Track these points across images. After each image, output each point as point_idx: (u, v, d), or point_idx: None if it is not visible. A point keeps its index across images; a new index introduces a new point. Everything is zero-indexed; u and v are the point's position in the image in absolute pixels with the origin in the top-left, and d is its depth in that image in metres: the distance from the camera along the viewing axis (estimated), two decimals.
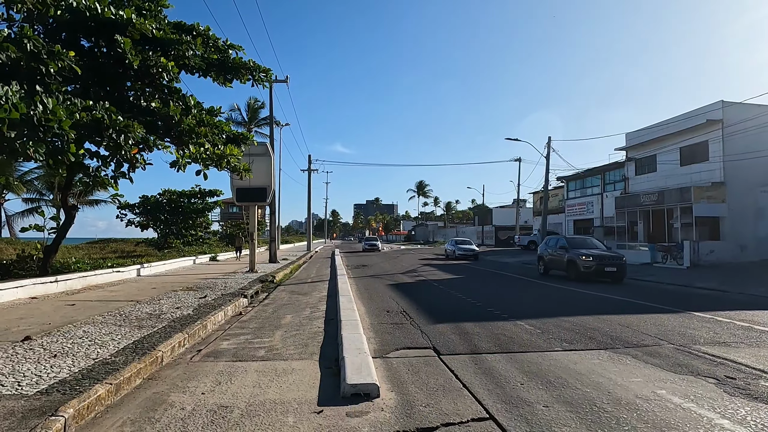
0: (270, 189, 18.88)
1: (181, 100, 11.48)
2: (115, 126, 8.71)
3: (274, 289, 14.20)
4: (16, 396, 4.14)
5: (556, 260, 18.82)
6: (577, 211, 39.96)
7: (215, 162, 11.94)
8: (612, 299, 12.21)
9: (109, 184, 10.66)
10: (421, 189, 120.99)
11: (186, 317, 8.12)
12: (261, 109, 49.37)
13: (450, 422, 4.07)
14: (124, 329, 7.10)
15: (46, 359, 5.37)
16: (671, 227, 26.49)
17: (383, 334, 7.74)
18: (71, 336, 6.61)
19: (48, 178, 33.93)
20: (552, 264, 19.23)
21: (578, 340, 7.34)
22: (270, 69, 13.11)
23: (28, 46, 7.80)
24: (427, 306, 10.85)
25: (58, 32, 10.28)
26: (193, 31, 12.20)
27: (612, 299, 12.21)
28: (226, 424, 3.98)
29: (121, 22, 9.84)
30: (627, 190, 31.83)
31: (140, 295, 11.07)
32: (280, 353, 6.43)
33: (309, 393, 4.78)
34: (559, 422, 4.09)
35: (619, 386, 5.05)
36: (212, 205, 33.14)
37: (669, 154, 27.84)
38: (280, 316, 9.43)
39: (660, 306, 10.99)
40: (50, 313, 8.63)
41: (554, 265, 19.02)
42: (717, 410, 4.38)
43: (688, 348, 6.83)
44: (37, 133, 7.41)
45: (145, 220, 30.58)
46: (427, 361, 6.12)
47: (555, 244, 19.37)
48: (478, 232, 72.31)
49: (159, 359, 5.71)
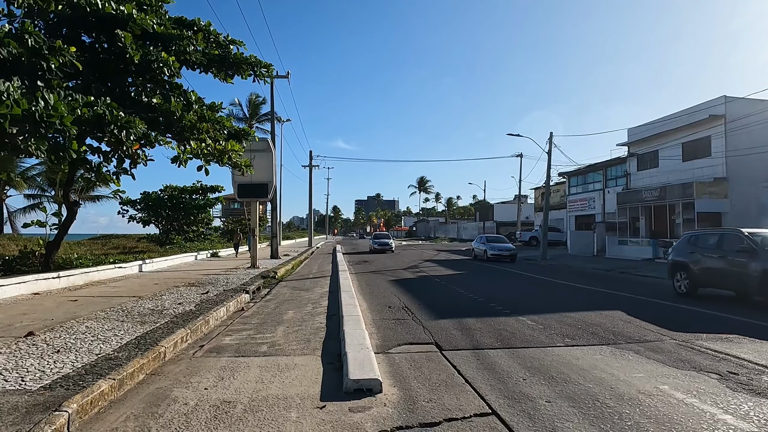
0: (271, 185, 18.87)
1: (182, 96, 11.46)
2: (116, 122, 8.69)
3: (276, 284, 14.22)
4: (20, 391, 4.15)
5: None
6: (578, 206, 39.92)
7: (216, 158, 11.93)
8: (612, 294, 12.21)
9: (111, 180, 10.65)
10: (423, 185, 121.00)
11: (188, 313, 8.13)
12: (262, 104, 49.35)
13: (453, 417, 4.07)
14: (127, 325, 7.11)
15: (49, 355, 5.38)
16: (673, 223, 26.46)
17: (385, 330, 7.74)
18: (74, 331, 6.62)
19: (50, 174, 33.92)
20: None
21: (580, 335, 7.34)
22: (271, 64, 13.07)
23: (29, 41, 7.78)
24: (428, 301, 10.85)
25: (58, 28, 10.26)
26: (194, 26, 12.17)
27: (612, 294, 12.21)
28: (229, 419, 3.99)
29: (122, 17, 9.81)
30: (629, 185, 31.78)
31: (142, 291, 11.09)
32: (282, 349, 6.44)
33: (312, 388, 4.79)
34: (562, 417, 4.09)
35: (622, 381, 5.05)
36: (213, 201, 33.07)
37: (671, 149, 27.78)
38: (282, 311, 9.44)
39: (662, 301, 10.99)
40: (53, 308, 8.65)
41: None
42: (720, 405, 4.38)
43: (690, 343, 6.83)
44: (39, 129, 7.40)
45: (146, 216, 30.59)
46: (429, 357, 6.12)
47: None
48: (479, 228, 72.25)
49: (162, 355, 5.72)
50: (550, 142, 28.57)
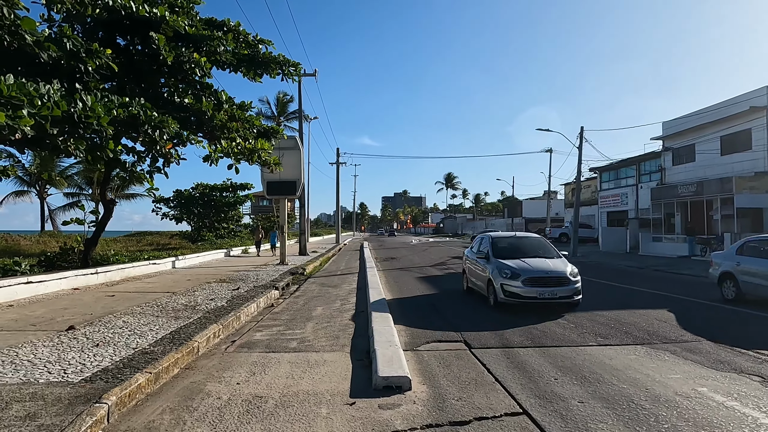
0: (299, 182, 19.07)
1: (213, 96, 11.66)
2: (150, 122, 8.91)
3: (305, 281, 14.37)
4: (63, 383, 4.31)
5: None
6: (611, 202, 38.98)
7: (246, 156, 12.10)
8: (645, 293, 11.88)
9: (145, 178, 10.95)
10: (450, 181, 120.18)
11: (220, 309, 8.30)
12: (290, 103, 49.77)
13: (483, 416, 4.04)
14: (162, 320, 7.31)
15: (89, 348, 5.58)
16: (711, 219, 25.57)
17: (413, 327, 7.73)
18: (112, 326, 6.84)
19: (87, 174, 35.19)
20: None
21: (613, 335, 7.17)
22: (299, 63, 13.17)
23: (67, 45, 8.05)
24: (456, 299, 10.78)
25: (95, 31, 10.58)
26: (224, 26, 12.36)
27: (645, 293, 11.88)
28: (261, 414, 4.06)
29: (155, 19, 10.03)
30: (663, 180, 30.85)
31: (176, 287, 11.37)
32: (312, 345, 6.50)
33: (341, 384, 4.83)
34: (596, 419, 4.01)
35: (657, 383, 4.91)
36: (243, 198, 33.66)
37: (709, 143, 26.81)
38: (311, 308, 9.53)
39: (700, 301, 10.63)
40: (91, 303, 8.95)
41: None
42: (763, 409, 4.21)
43: (730, 345, 6.58)
44: (78, 130, 7.65)
45: (179, 214, 31.38)
46: (458, 355, 6.09)
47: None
48: (507, 225, 71.40)
49: (195, 349, 5.86)
50: (581, 136, 27.98)
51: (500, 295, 8.86)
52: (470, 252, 11.76)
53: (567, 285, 8.76)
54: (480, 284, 10.21)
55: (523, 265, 9.11)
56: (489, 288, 9.45)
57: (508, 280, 8.81)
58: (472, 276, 11.08)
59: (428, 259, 24.12)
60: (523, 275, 8.76)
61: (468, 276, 11.47)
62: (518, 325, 7.78)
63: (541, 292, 8.63)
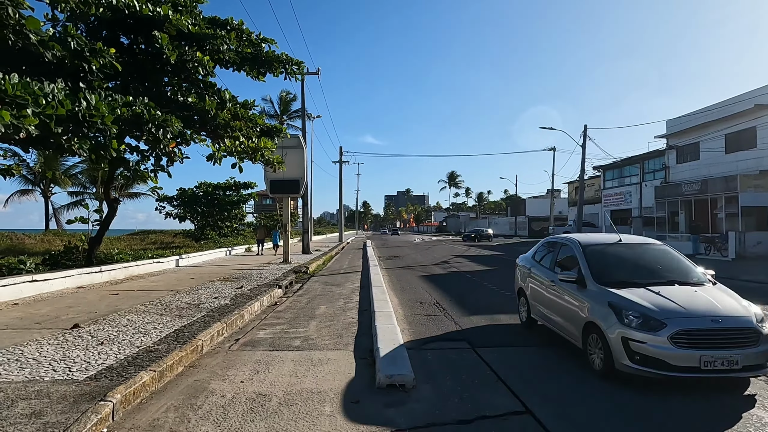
0: (303, 181, 19.08)
1: (216, 95, 11.67)
2: (154, 120, 8.92)
3: (308, 279, 14.39)
4: (68, 381, 4.33)
5: None
6: (614, 201, 38.90)
7: (250, 155, 12.12)
8: None
9: (149, 177, 10.96)
10: (453, 179, 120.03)
11: (224, 307, 8.32)
12: (293, 101, 49.82)
13: (486, 415, 4.04)
14: (166, 318, 7.33)
15: (93, 346, 5.60)
16: (715, 217, 25.48)
17: (417, 326, 7.74)
18: (116, 324, 6.87)
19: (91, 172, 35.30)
20: None
21: None
22: (302, 62, 13.16)
23: (71, 44, 8.07)
24: (460, 298, 10.77)
25: (99, 30, 10.60)
26: (227, 25, 12.36)
27: None
28: (265, 412, 4.07)
29: (159, 18, 10.04)
30: (667, 179, 30.76)
31: (179, 285, 11.40)
32: (315, 343, 6.51)
33: (345, 383, 4.83)
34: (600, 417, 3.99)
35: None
36: (246, 197, 33.76)
37: (713, 141, 26.72)
38: (314, 306, 9.55)
39: None
40: (96, 302, 8.99)
41: None
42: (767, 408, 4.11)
43: None
44: (82, 129, 7.67)
45: (182, 212, 31.49)
46: (461, 353, 6.09)
47: None
48: (510, 223, 71.35)
49: (199, 348, 5.87)
50: (584, 134, 27.91)
51: (622, 359, 4.74)
52: (531, 262, 7.57)
53: (754, 345, 4.60)
54: (565, 325, 6.04)
55: (665, 304, 4.98)
56: (590, 338, 5.37)
57: (637, 332, 4.72)
58: (540, 303, 6.88)
59: (431, 258, 24.12)
60: (672, 325, 4.66)
61: (532, 302, 7.19)
62: (522, 326, 7.73)
63: (709, 359, 4.47)
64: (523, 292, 7.52)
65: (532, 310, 7.14)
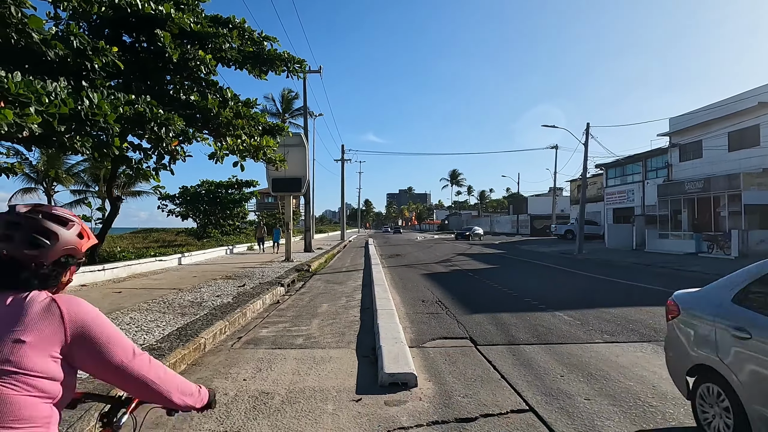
0: (305, 179, 19.08)
1: (218, 93, 11.67)
2: (156, 119, 8.93)
3: (310, 278, 14.40)
4: None
5: None
6: (617, 199, 38.78)
7: (252, 153, 12.11)
8: (652, 290, 11.83)
9: (151, 175, 10.96)
10: (455, 178, 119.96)
11: (226, 305, 8.33)
12: (295, 99, 49.77)
13: (489, 413, 4.04)
14: (168, 316, 7.35)
15: None
16: (718, 216, 25.41)
17: (419, 324, 7.74)
18: (119, 322, 6.88)
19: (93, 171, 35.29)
20: None
21: (620, 332, 7.15)
22: (304, 60, 13.14)
23: (74, 43, 8.08)
24: (462, 296, 10.77)
25: (101, 29, 10.61)
26: (229, 23, 12.35)
27: (652, 290, 11.83)
28: (267, 410, 4.07)
29: (161, 17, 10.04)
30: (670, 177, 30.67)
31: (182, 284, 11.42)
32: (317, 341, 6.52)
33: (347, 381, 4.84)
34: (602, 416, 4.00)
35: (665, 380, 4.87)
36: (248, 195, 33.79)
37: (716, 139, 26.60)
38: (316, 304, 9.56)
39: None
40: (99, 300, 9.01)
41: None
42: None
43: None
44: (84, 127, 7.68)
45: (184, 211, 31.52)
46: (464, 351, 6.09)
47: None
48: (513, 221, 71.28)
49: (202, 346, 5.89)
50: (587, 132, 27.82)
51: None
52: (743, 312, 3.30)
53: None
54: None
55: None
56: None
57: None
58: None
59: (434, 256, 24.12)
60: None
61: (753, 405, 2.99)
62: (524, 324, 7.74)
63: None
64: (719, 376, 3.33)
65: (752, 416, 3.01)
